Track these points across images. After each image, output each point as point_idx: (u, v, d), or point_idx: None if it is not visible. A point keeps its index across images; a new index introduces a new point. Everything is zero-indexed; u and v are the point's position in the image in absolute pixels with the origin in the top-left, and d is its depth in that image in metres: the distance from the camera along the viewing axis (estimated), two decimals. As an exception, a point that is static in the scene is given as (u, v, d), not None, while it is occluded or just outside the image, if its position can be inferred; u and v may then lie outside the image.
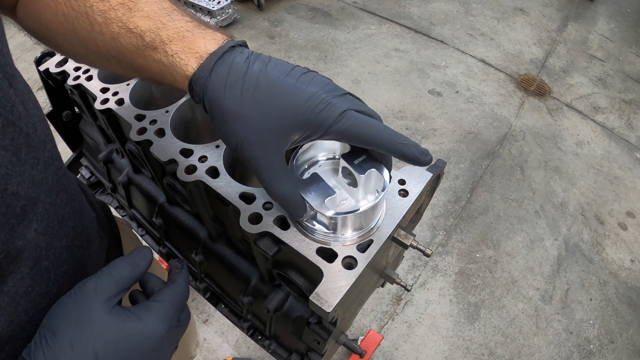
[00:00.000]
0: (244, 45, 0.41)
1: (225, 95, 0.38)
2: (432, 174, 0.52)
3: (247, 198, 0.50)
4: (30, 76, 2.63)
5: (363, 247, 0.46)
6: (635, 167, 2.47)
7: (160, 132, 0.58)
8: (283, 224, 0.48)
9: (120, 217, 0.80)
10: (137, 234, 0.89)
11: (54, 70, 0.70)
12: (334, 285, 0.42)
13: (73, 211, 0.47)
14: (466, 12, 3.49)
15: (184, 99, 0.62)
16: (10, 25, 0.46)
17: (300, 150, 0.47)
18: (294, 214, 0.43)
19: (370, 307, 1.84)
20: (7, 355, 0.39)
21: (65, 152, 0.88)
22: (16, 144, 0.35)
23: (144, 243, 0.90)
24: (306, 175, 0.47)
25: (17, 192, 0.35)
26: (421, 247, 0.50)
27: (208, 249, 0.70)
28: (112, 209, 0.92)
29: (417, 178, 0.51)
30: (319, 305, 0.41)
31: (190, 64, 0.39)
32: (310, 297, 0.42)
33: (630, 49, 3.32)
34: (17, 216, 0.35)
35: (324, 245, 0.45)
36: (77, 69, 0.69)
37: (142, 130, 0.58)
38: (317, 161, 0.50)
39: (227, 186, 0.51)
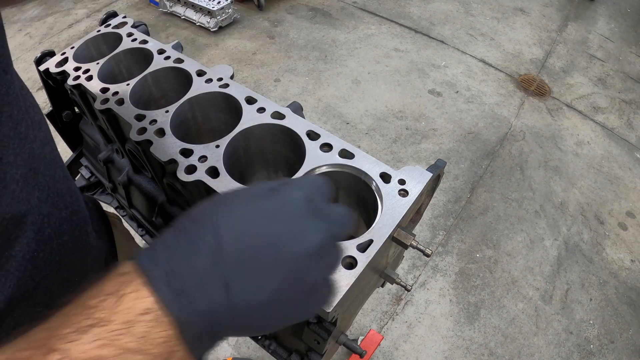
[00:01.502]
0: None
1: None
2: (432, 174, 0.52)
3: (247, 198, 0.50)
4: (30, 76, 2.63)
5: (363, 247, 0.46)
6: (635, 167, 2.47)
7: (160, 132, 0.58)
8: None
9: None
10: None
11: (54, 70, 0.70)
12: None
13: (70, 190, 0.50)
14: (466, 12, 3.49)
15: (184, 99, 0.62)
16: (10, 25, 0.47)
17: None
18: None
19: (370, 307, 1.84)
20: (16, 322, 0.40)
21: (66, 152, 0.88)
22: (15, 120, 0.38)
23: (138, 239, 0.90)
24: None
25: (14, 162, 0.37)
26: (421, 247, 0.50)
27: (208, 249, 0.70)
28: (112, 209, 0.92)
29: (417, 178, 0.51)
30: (319, 305, 0.41)
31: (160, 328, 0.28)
32: (310, 297, 0.42)
33: (630, 49, 3.32)
34: (17, 182, 0.37)
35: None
36: (77, 69, 0.69)
37: (142, 130, 0.58)
38: None
39: (227, 186, 0.51)
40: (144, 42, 0.73)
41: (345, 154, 0.54)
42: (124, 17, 0.80)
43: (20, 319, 0.40)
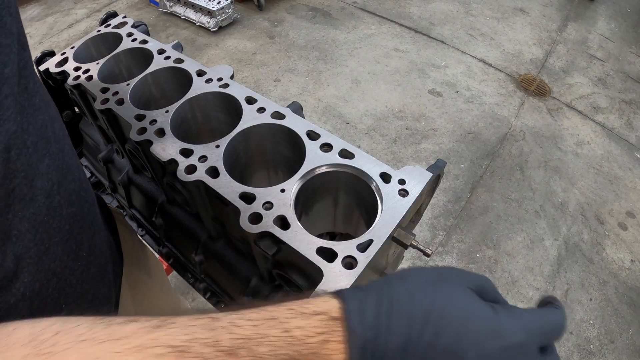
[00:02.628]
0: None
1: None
2: (432, 174, 0.52)
3: (247, 198, 0.50)
4: (30, 76, 2.63)
5: (363, 247, 0.46)
6: (635, 167, 2.47)
7: (160, 132, 0.58)
8: (283, 224, 0.48)
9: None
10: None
11: (54, 70, 0.70)
12: (334, 285, 0.42)
13: (78, 168, 0.52)
14: (466, 12, 3.49)
15: (184, 99, 0.62)
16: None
17: None
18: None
19: (370, 307, 1.84)
20: (26, 287, 0.41)
21: (65, 152, 0.88)
22: (30, 92, 0.41)
23: (140, 237, 0.90)
24: None
25: (27, 129, 0.40)
26: (421, 247, 0.50)
27: (208, 249, 0.70)
28: (112, 209, 0.92)
29: (417, 178, 0.51)
30: (319, 305, 0.41)
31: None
32: (310, 297, 0.42)
33: (630, 49, 3.32)
34: (28, 148, 0.40)
35: (324, 245, 0.45)
36: (77, 69, 0.69)
37: (142, 130, 0.58)
38: None
39: (227, 186, 0.51)
40: (144, 42, 0.73)
41: (345, 154, 0.54)
42: (124, 17, 0.80)
43: (30, 284, 0.42)
